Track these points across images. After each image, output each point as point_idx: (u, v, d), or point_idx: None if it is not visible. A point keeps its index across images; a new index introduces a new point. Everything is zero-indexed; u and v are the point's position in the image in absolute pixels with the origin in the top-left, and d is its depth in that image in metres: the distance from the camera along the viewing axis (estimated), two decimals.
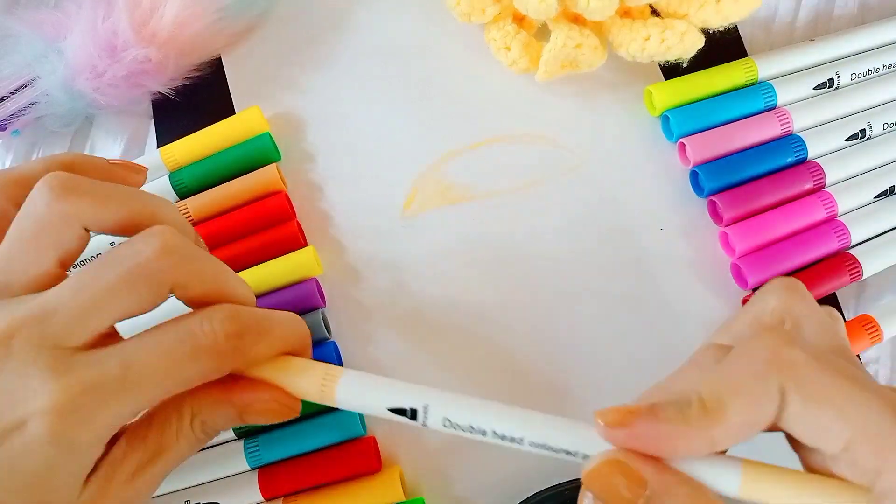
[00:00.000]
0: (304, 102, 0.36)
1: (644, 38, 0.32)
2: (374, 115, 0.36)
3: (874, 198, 0.34)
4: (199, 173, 0.34)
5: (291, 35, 0.37)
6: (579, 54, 0.33)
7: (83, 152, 0.37)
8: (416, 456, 0.31)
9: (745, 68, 0.35)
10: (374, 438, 0.31)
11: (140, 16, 0.34)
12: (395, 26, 0.37)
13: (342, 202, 0.35)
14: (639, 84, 0.36)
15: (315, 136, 0.36)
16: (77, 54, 0.34)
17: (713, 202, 0.33)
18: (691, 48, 0.32)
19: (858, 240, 0.33)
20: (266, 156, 0.34)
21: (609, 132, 0.36)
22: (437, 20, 0.37)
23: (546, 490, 0.30)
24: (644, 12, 0.34)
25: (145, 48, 0.33)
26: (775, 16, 0.38)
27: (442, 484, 0.31)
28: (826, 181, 0.34)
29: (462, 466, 0.31)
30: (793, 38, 0.38)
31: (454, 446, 0.31)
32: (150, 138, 0.36)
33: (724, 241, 0.34)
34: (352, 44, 0.37)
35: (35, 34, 0.35)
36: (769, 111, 0.35)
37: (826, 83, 0.35)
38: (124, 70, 0.34)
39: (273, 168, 0.33)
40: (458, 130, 0.35)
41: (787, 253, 0.32)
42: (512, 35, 0.34)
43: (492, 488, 0.31)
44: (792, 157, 0.34)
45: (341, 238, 0.34)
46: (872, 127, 0.35)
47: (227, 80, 0.37)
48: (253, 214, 0.33)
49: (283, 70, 0.37)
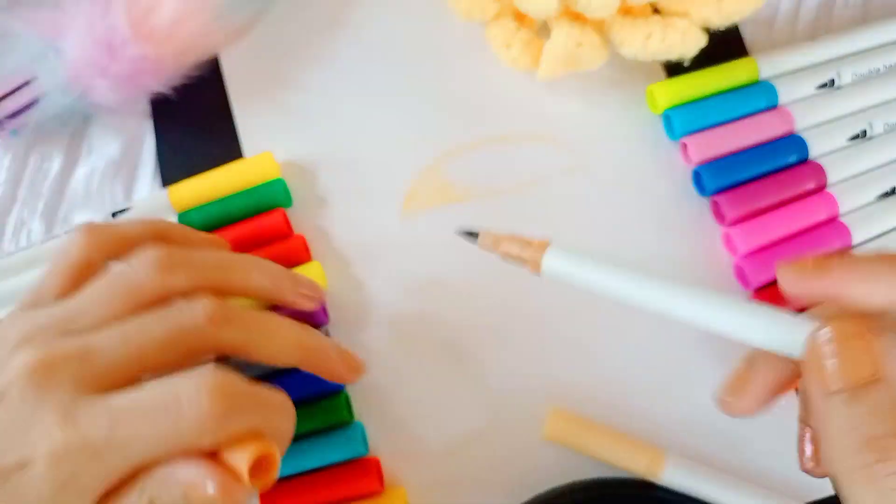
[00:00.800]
0: (302, 101, 0.36)
1: (645, 37, 0.32)
2: (373, 113, 0.36)
3: (876, 198, 0.34)
4: (207, 215, 0.33)
5: (289, 34, 0.37)
6: (580, 53, 0.33)
7: (82, 152, 0.36)
8: (419, 478, 0.31)
9: (746, 67, 0.35)
10: (378, 459, 0.30)
11: (138, 13, 0.33)
12: (395, 24, 0.37)
13: (342, 203, 0.34)
14: (640, 83, 0.36)
15: (315, 136, 0.35)
16: (76, 53, 0.34)
17: (716, 202, 0.33)
18: (693, 47, 0.32)
19: (860, 240, 0.33)
20: (278, 201, 0.33)
21: (610, 131, 0.35)
22: (438, 18, 0.36)
23: (547, 492, 0.30)
24: (645, 10, 0.33)
25: (143, 46, 0.33)
26: (777, 15, 0.38)
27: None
28: (828, 181, 0.34)
29: (466, 490, 0.31)
30: (795, 38, 0.37)
31: (459, 468, 0.31)
32: (148, 137, 0.36)
33: (727, 240, 0.33)
34: (351, 42, 0.37)
35: (33, 33, 0.35)
36: (771, 110, 0.35)
37: (828, 82, 0.35)
38: (123, 69, 0.34)
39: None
40: (458, 129, 0.35)
41: (789, 253, 0.32)
42: (513, 33, 0.34)
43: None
44: (794, 156, 0.34)
45: (340, 248, 0.34)
46: (874, 126, 0.35)
47: (225, 79, 0.36)
48: (256, 230, 0.32)
49: (282, 69, 0.37)
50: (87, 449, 0.21)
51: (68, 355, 0.23)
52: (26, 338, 0.24)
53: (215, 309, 0.24)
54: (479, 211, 0.34)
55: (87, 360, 0.23)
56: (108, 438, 0.21)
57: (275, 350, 0.26)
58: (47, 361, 0.22)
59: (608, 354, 0.32)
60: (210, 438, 0.22)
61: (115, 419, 0.22)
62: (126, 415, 0.22)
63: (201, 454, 0.22)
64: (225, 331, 0.25)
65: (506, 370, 0.32)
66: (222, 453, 0.22)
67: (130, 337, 0.23)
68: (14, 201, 0.36)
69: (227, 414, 0.22)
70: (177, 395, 0.22)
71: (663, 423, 0.31)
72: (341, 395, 0.31)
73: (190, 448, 0.22)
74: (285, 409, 0.24)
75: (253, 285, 0.27)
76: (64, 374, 0.22)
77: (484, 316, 0.33)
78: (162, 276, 0.25)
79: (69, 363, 0.23)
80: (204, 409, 0.22)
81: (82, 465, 0.21)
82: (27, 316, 0.25)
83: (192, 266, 0.26)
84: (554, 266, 0.24)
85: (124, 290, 0.25)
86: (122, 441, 0.21)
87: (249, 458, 0.22)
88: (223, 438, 0.22)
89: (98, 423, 0.22)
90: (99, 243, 0.27)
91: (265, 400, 0.23)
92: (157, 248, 0.25)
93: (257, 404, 0.23)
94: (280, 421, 0.24)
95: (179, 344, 0.24)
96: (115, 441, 0.21)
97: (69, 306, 0.25)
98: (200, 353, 0.25)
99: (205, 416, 0.22)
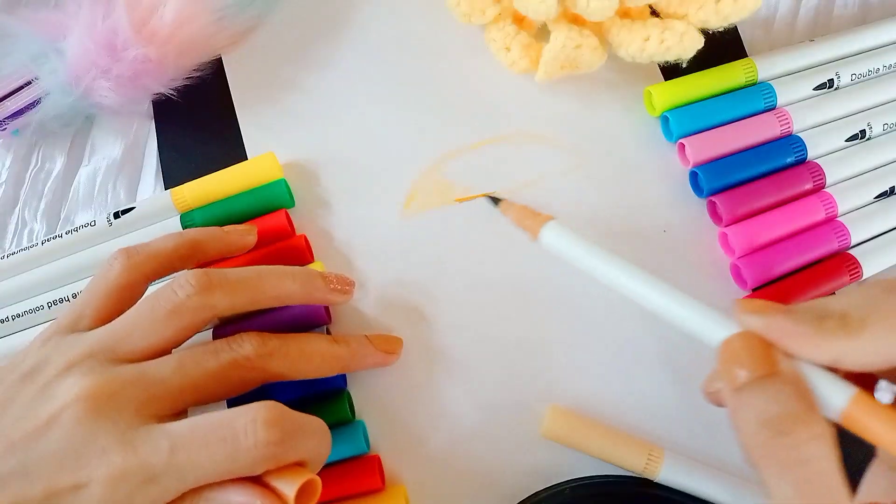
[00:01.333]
0: (304, 103, 0.36)
1: (643, 39, 0.32)
2: (374, 114, 0.36)
3: (874, 198, 0.34)
4: (210, 216, 0.33)
5: (291, 35, 0.37)
6: (579, 55, 0.33)
7: (84, 153, 0.37)
8: (420, 475, 0.31)
9: (744, 69, 0.35)
10: (378, 457, 0.30)
11: (140, 15, 0.34)
12: (396, 27, 0.37)
13: (344, 203, 0.35)
14: (638, 84, 0.36)
15: (317, 137, 0.36)
16: (77, 54, 0.34)
17: (713, 202, 0.33)
18: (691, 48, 0.32)
19: (858, 240, 0.33)
20: (280, 202, 0.34)
21: (608, 133, 0.36)
22: (437, 21, 0.37)
23: (546, 490, 0.30)
24: (643, 13, 0.34)
25: (145, 47, 0.33)
26: (775, 16, 0.38)
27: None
28: (826, 181, 0.34)
29: (465, 487, 0.31)
30: (793, 39, 0.38)
31: (458, 465, 0.31)
32: (150, 139, 0.36)
33: (724, 241, 0.34)
34: (352, 44, 0.37)
35: (35, 34, 0.35)
36: (769, 111, 0.35)
37: (826, 83, 0.35)
38: (125, 70, 0.34)
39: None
40: (457, 131, 0.35)
41: (787, 253, 0.32)
42: (512, 36, 0.34)
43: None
44: (792, 157, 0.34)
45: (341, 247, 0.34)
46: (872, 127, 0.35)
47: (228, 80, 0.37)
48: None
49: (284, 70, 0.37)
50: (145, 473, 0.22)
51: (126, 382, 0.24)
52: (74, 362, 0.25)
53: (262, 346, 0.27)
54: (479, 211, 0.34)
55: (145, 388, 0.24)
56: (167, 464, 0.23)
57: (314, 370, 0.28)
58: (105, 388, 0.24)
59: (607, 353, 0.32)
60: (263, 467, 0.23)
61: (174, 446, 0.23)
62: (184, 442, 0.23)
63: (247, 478, 0.24)
64: (270, 363, 0.27)
65: (505, 369, 0.32)
66: (268, 479, 0.24)
67: (186, 368, 0.25)
68: (16, 201, 0.36)
69: (280, 444, 0.23)
70: (233, 426, 0.23)
71: (661, 421, 0.31)
72: (343, 394, 0.31)
73: (242, 475, 0.23)
74: (325, 434, 0.25)
75: (286, 293, 0.28)
76: (122, 400, 0.24)
77: (484, 315, 0.33)
78: (202, 298, 0.26)
79: (127, 390, 0.24)
80: (260, 440, 0.23)
81: (138, 488, 0.22)
82: (71, 340, 0.26)
83: (228, 285, 0.27)
84: (549, 237, 0.28)
85: (166, 313, 0.26)
86: (179, 467, 0.23)
87: (297, 487, 0.23)
88: (273, 466, 0.23)
89: (157, 449, 0.23)
90: (137, 266, 0.28)
91: (310, 428, 0.25)
92: (194, 271, 0.27)
93: (305, 434, 0.24)
94: (321, 447, 0.25)
95: (232, 376, 0.26)
96: (172, 467, 0.23)
97: (114, 330, 0.26)
98: (250, 384, 0.27)
99: (261, 446, 0.23)
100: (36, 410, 0.24)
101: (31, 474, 0.23)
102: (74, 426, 0.23)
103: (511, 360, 0.32)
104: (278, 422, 0.23)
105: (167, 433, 0.23)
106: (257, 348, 0.26)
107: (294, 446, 0.24)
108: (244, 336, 0.27)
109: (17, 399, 0.24)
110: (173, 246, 0.29)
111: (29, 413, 0.24)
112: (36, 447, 0.23)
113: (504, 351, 0.32)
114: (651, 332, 0.33)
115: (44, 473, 0.23)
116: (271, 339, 0.27)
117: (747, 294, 0.33)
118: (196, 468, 0.23)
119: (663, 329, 0.33)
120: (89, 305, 0.27)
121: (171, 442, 0.23)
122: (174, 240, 0.29)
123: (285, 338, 0.28)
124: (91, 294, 0.27)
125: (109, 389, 0.24)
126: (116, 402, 0.24)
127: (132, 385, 0.24)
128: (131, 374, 0.24)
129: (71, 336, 0.26)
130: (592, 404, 0.32)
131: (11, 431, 0.24)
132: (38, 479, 0.23)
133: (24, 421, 0.24)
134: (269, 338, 0.27)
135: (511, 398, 0.32)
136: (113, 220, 0.33)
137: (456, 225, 0.34)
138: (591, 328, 0.33)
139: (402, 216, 0.34)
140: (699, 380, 0.32)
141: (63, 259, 0.33)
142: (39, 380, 0.25)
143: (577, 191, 0.35)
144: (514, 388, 0.32)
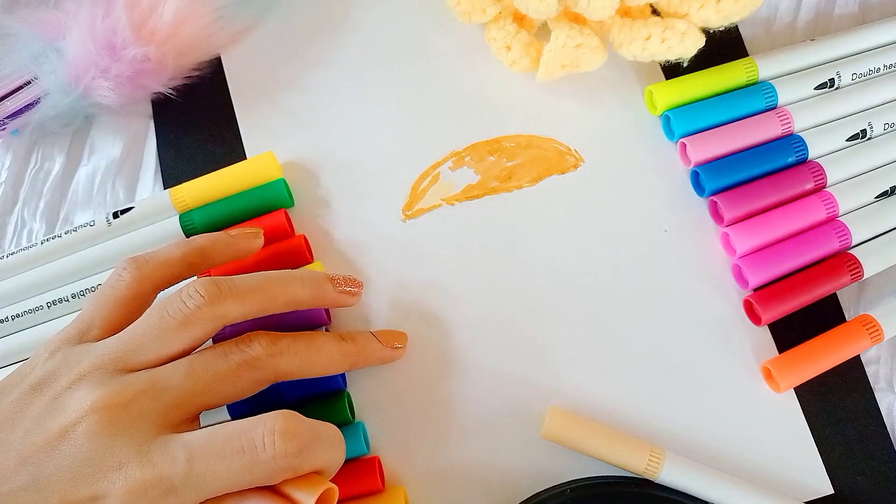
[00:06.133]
0: (304, 102, 0.36)
1: (645, 38, 0.32)
2: (374, 114, 0.36)
3: (875, 198, 0.34)
4: (209, 215, 0.33)
5: (291, 35, 0.37)
6: (580, 54, 0.33)
7: (83, 153, 0.37)
8: (419, 476, 0.31)
9: (745, 68, 0.35)
10: (378, 458, 0.30)
11: (139, 15, 0.34)
12: (395, 26, 0.37)
13: (343, 203, 0.35)
14: (639, 84, 0.36)
15: (317, 137, 0.36)
16: (76, 54, 0.34)
17: (714, 202, 0.33)
18: (692, 48, 0.32)
19: (859, 240, 0.33)
20: (279, 201, 0.34)
21: (609, 132, 0.36)
22: (438, 20, 0.36)
23: (546, 490, 0.30)
24: (644, 12, 0.33)
25: (144, 47, 0.33)
26: (776, 15, 0.38)
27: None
28: (827, 181, 0.34)
29: (465, 488, 0.31)
30: (794, 38, 0.37)
31: (458, 466, 0.31)
32: (150, 138, 0.36)
33: (725, 241, 0.33)
34: (351, 43, 0.37)
35: (35, 34, 0.35)
36: (770, 111, 0.35)
37: (827, 83, 0.35)
38: (124, 69, 0.34)
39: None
40: (458, 130, 0.35)
41: (787, 253, 0.32)
42: (512, 35, 0.34)
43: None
44: (793, 157, 0.34)
45: (341, 248, 0.34)
46: (873, 127, 0.35)
47: (227, 80, 0.37)
48: None
49: (283, 70, 0.37)
50: (164, 486, 0.22)
51: (138, 392, 0.24)
52: (84, 373, 0.24)
53: (271, 345, 0.26)
54: (479, 211, 0.34)
55: (157, 396, 0.24)
56: (185, 476, 0.22)
57: (323, 367, 0.28)
58: (118, 399, 0.23)
59: (607, 353, 0.32)
60: (281, 477, 0.23)
61: (192, 458, 0.23)
62: (201, 453, 0.23)
63: (265, 488, 0.23)
64: (280, 362, 0.27)
65: (505, 369, 0.32)
66: (285, 488, 0.24)
67: (197, 373, 0.25)
68: (15, 201, 0.36)
69: (298, 455, 0.23)
70: (251, 437, 0.23)
71: (662, 421, 0.31)
72: (343, 395, 0.31)
73: (260, 485, 0.23)
74: (340, 442, 0.25)
75: (296, 298, 0.28)
76: (135, 411, 0.23)
77: (483, 315, 0.33)
78: (212, 308, 0.26)
79: (139, 400, 0.24)
80: (279, 451, 0.23)
81: (157, 500, 0.22)
82: (80, 350, 0.25)
83: (238, 293, 0.26)
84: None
85: (177, 324, 0.25)
86: (197, 479, 0.22)
87: (316, 496, 0.23)
88: (291, 476, 0.23)
89: (175, 461, 0.23)
90: (147, 276, 0.27)
91: (326, 437, 0.25)
92: (203, 280, 0.26)
93: (321, 443, 0.24)
94: (336, 455, 0.25)
95: (243, 377, 0.26)
96: (191, 479, 0.22)
97: (124, 341, 0.25)
98: (260, 384, 0.27)
99: (279, 457, 0.23)
100: (47, 423, 0.24)
101: (46, 489, 0.22)
102: (89, 439, 0.23)
103: (511, 361, 0.32)
104: (296, 432, 0.23)
105: (184, 444, 0.23)
106: (267, 348, 0.26)
107: (311, 457, 0.24)
108: (253, 336, 0.27)
109: (27, 412, 0.24)
110: (182, 254, 0.28)
111: (39, 426, 0.24)
112: (49, 461, 0.23)
113: (504, 351, 0.32)
114: (651, 333, 0.33)
115: (58, 488, 0.22)
116: (280, 339, 0.27)
117: (748, 294, 0.33)
118: (214, 479, 0.23)
119: (664, 329, 0.33)
120: (98, 316, 0.27)
121: (189, 453, 0.23)
122: (183, 248, 0.29)
123: (294, 336, 0.28)
124: (100, 304, 0.27)
125: (122, 400, 0.23)
126: (130, 413, 0.23)
127: (144, 394, 0.24)
128: (143, 382, 0.24)
129: (80, 347, 0.26)
130: (593, 405, 0.32)
131: (22, 446, 0.23)
132: (53, 493, 0.22)
133: (35, 434, 0.23)
134: (279, 337, 0.27)
135: (511, 399, 0.32)
136: (112, 220, 0.33)
137: (456, 225, 0.34)
138: (591, 329, 0.33)
139: (401, 216, 0.34)
140: (699, 380, 0.32)
141: (62, 259, 0.33)
142: (49, 392, 0.24)
143: (578, 190, 0.35)
144: (515, 388, 0.32)
